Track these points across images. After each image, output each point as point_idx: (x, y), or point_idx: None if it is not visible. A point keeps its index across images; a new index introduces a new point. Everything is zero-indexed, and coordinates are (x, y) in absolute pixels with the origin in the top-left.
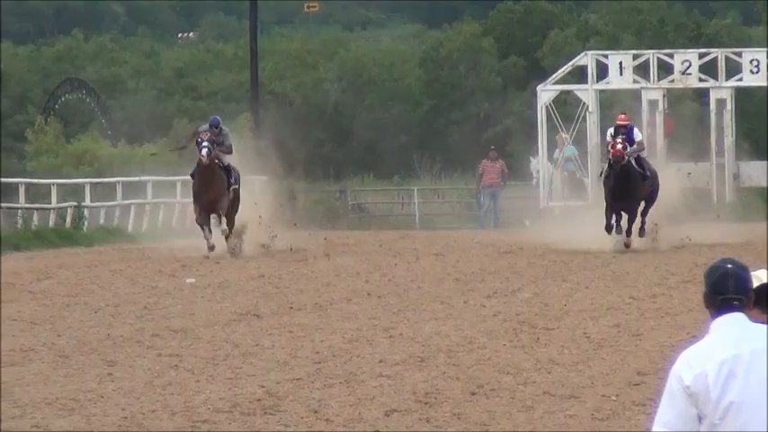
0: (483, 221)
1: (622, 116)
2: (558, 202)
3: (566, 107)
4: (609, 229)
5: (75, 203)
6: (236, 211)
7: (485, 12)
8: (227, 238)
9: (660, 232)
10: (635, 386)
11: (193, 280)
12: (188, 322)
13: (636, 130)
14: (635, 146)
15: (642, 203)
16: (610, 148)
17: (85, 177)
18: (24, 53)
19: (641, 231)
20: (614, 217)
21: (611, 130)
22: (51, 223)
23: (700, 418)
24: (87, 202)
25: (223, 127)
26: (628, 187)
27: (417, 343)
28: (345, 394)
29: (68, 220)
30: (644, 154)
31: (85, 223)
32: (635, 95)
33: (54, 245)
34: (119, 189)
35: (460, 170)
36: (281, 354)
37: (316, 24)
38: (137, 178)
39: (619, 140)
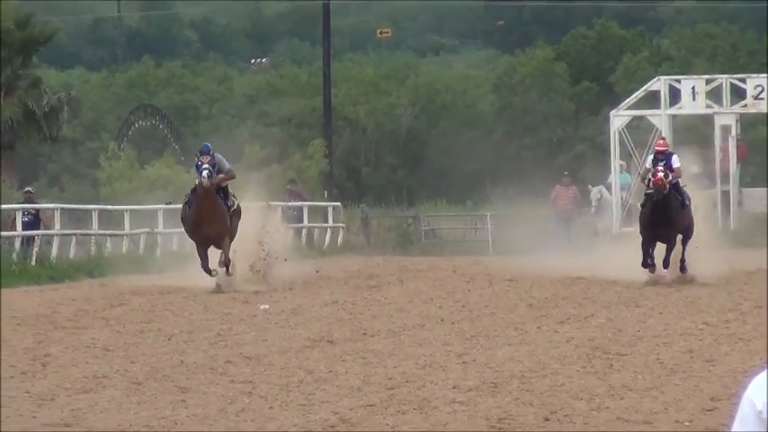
0: (556, 247)
1: (662, 142)
2: (629, 228)
3: (638, 132)
4: (647, 265)
5: (149, 230)
6: (234, 235)
7: (558, 37)
8: (227, 269)
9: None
10: (708, 412)
11: (267, 306)
12: (261, 349)
13: (675, 157)
14: (675, 173)
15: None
16: (650, 176)
17: (159, 204)
18: (97, 80)
19: (682, 268)
20: (652, 251)
21: (650, 158)
22: (124, 249)
23: None
24: (160, 228)
25: (216, 153)
26: (667, 217)
27: (490, 369)
28: (419, 420)
29: (141, 246)
30: (682, 181)
31: (159, 249)
32: (707, 120)
33: (127, 271)
34: None
35: (533, 196)
36: (354, 380)
37: (388, 50)
38: None
39: (660, 168)
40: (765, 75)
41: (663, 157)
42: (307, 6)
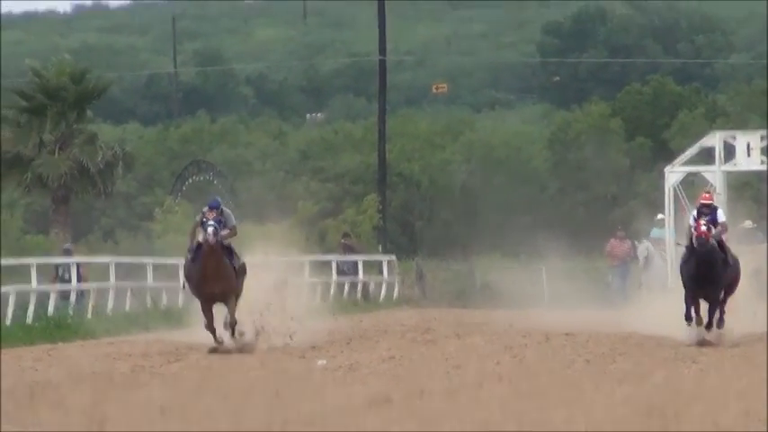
0: (613, 300)
1: (706, 195)
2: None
3: (693, 189)
4: (689, 318)
5: None
6: (240, 294)
7: (613, 93)
8: (233, 331)
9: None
10: None
11: (324, 362)
12: (317, 407)
13: (720, 211)
14: (719, 228)
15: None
16: (693, 230)
17: None
18: (152, 135)
19: (720, 323)
20: (696, 307)
21: (694, 212)
22: (180, 303)
23: None
24: None
25: (224, 208)
26: (710, 273)
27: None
28: None
29: None
30: (725, 236)
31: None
32: (762, 177)
33: (184, 325)
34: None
35: (587, 250)
36: None
37: (444, 105)
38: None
39: (703, 222)
40: None
41: (708, 210)
42: (363, 62)
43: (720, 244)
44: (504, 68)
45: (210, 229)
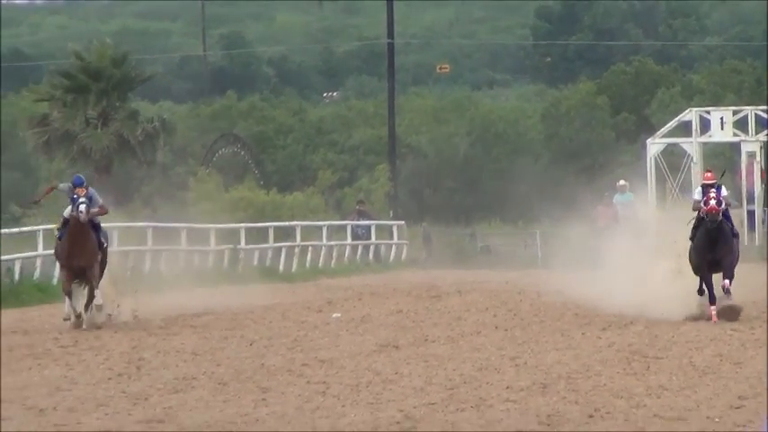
0: (597, 261)
1: (708, 174)
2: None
3: (672, 158)
4: (702, 292)
5: (232, 246)
6: (103, 273)
7: (599, 73)
8: (93, 306)
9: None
10: (736, 409)
11: (338, 315)
12: (334, 353)
13: (723, 188)
14: (724, 202)
15: None
16: (703, 205)
17: (241, 223)
18: (185, 111)
19: (727, 292)
20: (710, 280)
21: (698, 189)
22: (210, 264)
23: None
24: (243, 244)
25: (90, 187)
26: (723, 244)
27: (540, 371)
28: (476, 418)
29: (226, 261)
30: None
31: (241, 264)
32: (734, 147)
33: (213, 283)
34: (271, 233)
35: (577, 215)
36: (417, 381)
37: (447, 84)
38: (287, 223)
39: (712, 196)
40: None
41: (712, 188)
42: (373, 45)
43: (727, 216)
44: (501, 50)
45: (83, 206)
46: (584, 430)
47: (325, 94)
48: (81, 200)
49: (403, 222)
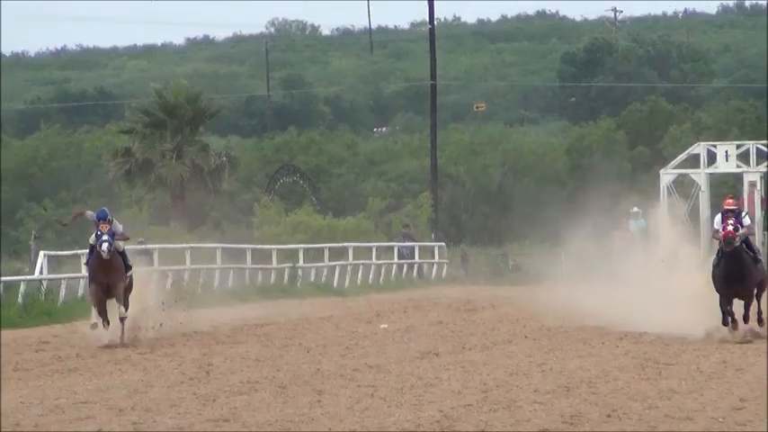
0: (614, 278)
1: (730, 201)
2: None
3: (683, 187)
4: (726, 323)
5: (292, 264)
6: (129, 296)
7: (618, 111)
8: (122, 322)
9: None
10: (738, 410)
11: (386, 326)
12: (381, 359)
13: (745, 215)
14: (744, 229)
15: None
16: (720, 231)
17: (300, 244)
18: (250, 145)
19: (760, 321)
20: (730, 308)
21: (718, 217)
22: (272, 280)
23: None
24: (301, 263)
25: (112, 218)
26: (740, 271)
27: (564, 376)
28: (507, 417)
29: (286, 277)
30: (752, 238)
31: (299, 280)
32: (738, 178)
33: (274, 297)
34: (326, 253)
35: (598, 237)
36: (455, 384)
37: (483, 121)
38: (341, 244)
39: (730, 222)
40: None
41: (732, 215)
42: (418, 86)
43: (748, 244)
44: (531, 91)
45: (105, 246)
46: (602, 429)
47: (375, 130)
48: (104, 237)
49: (443, 244)
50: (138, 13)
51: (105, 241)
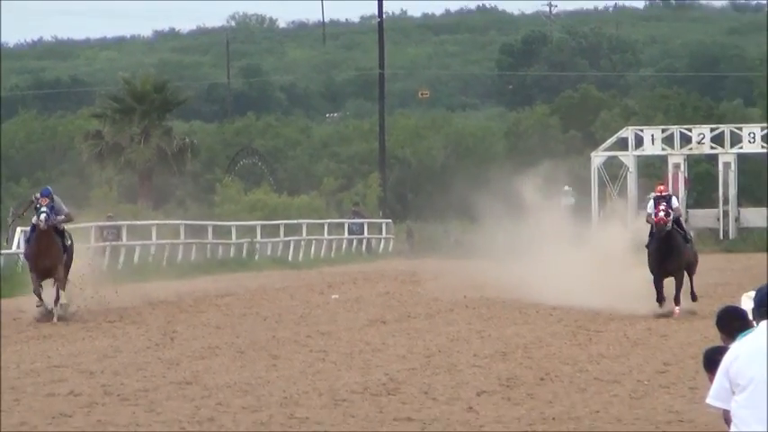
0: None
1: (661, 187)
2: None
3: (612, 169)
4: (660, 301)
5: (250, 240)
6: (68, 272)
7: (552, 98)
8: (60, 304)
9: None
10: (662, 373)
11: (337, 296)
12: (332, 327)
13: (674, 198)
14: (673, 212)
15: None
16: (653, 217)
17: (258, 220)
18: (212, 129)
19: (693, 296)
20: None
21: (651, 202)
22: (232, 254)
23: None
24: (259, 238)
25: (54, 196)
26: (672, 252)
27: (501, 342)
28: (448, 380)
29: (244, 252)
30: (681, 219)
31: (257, 254)
32: (663, 160)
33: (234, 270)
34: (282, 229)
35: (530, 215)
36: (400, 350)
37: (427, 107)
38: (295, 221)
39: (662, 208)
40: (707, 126)
41: (663, 200)
42: (367, 75)
43: (679, 224)
44: (472, 79)
45: (43, 216)
46: (536, 391)
47: (327, 115)
48: (42, 209)
49: (390, 220)
50: (109, 8)
51: (43, 212)
